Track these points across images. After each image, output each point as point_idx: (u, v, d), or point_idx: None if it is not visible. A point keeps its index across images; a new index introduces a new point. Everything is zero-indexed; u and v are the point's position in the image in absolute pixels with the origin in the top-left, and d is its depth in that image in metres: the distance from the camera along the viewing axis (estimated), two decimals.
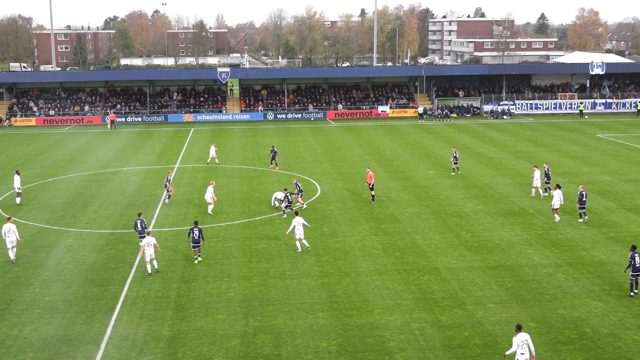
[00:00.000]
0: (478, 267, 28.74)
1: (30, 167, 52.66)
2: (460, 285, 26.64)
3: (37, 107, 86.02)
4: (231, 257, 30.13)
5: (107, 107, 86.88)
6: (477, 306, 24.69)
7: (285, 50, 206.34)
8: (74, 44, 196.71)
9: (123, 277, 27.66)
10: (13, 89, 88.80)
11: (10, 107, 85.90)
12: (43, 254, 30.79)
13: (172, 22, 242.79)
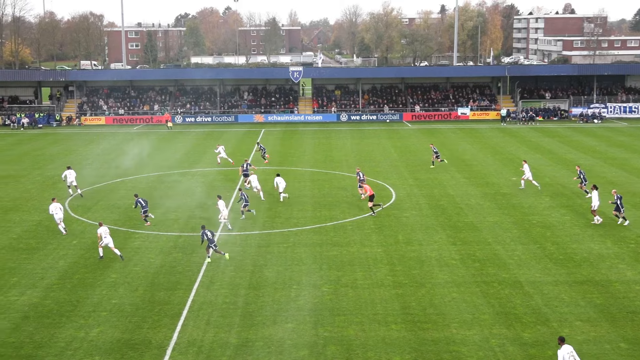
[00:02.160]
0: (564, 281, 27.98)
1: (99, 167, 54.38)
2: (545, 301, 25.99)
3: (107, 106, 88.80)
4: (301, 264, 30.31)
5: (177, 106, 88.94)
6: (562, 323, 24.04)
7: (360, 48, 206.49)
8: (145, 42, 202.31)
9: (190, 282, 28.21)
10: (83, 87, 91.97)
11: (81, 106, 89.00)
12: (110, 255, 31.70)
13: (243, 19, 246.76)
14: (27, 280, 28.61)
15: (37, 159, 59.09)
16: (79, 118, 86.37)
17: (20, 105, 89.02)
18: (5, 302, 26.21)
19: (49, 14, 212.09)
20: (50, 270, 29.82)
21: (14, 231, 36.10)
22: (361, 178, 42.89)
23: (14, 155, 61.64)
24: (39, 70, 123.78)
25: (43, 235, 35.17)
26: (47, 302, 26.24)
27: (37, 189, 46.48)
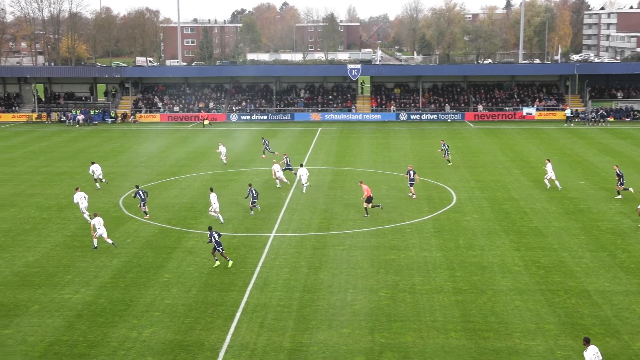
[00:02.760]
0: (636, 291, 27.26)
1: (153, 165, 55.35)
2: (615, 312, 25.36)
3: (162, 103, 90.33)
4: (357, 268, 30.28)
5: (232, 104, 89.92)
6: (634, 336, 23.41)
7: (421, 45, 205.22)
8: (200, 38, 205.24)
9: (244, 283, 28.47)
10: (139, 84, 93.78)
11: (136, 103, 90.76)
12: (164, 255, 32.25)
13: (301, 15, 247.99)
14: (81, 278, 29.31)
15: (91, 156, 60.41)
16: (133, 115, 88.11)
17: (75, 101, 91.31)
18: (60, 299, 26.91)
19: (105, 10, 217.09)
20: (104, 268, 30.49)
21: (68, 228, 37.04)
22: (411, 177, 43.21)
23: (69, 152, 63.24)
24: (95, 66, 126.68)
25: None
26: (101, 300, 26.84)
27: (91, 186, 47.53)
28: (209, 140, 70.19)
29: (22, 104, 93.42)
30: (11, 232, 36.45)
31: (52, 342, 23.34)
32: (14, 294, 27.51)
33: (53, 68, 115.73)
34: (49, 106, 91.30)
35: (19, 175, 50.73)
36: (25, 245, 33.98)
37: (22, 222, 38.50)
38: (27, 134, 77.36)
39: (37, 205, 42.35)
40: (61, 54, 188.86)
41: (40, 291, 27.80)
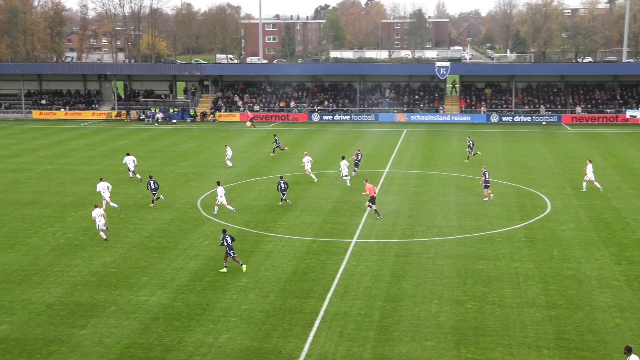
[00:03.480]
0: None
1: (233, 166, 56.19)
2: None
3: (242, 102, 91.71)
4: (443, 277, 29.99)
5: (314, 104, 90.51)
6: None
7: (514, 42, 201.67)
8: (282, 35, 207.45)
9: (324, 290, 28.59)
10: (219, 82, 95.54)
11: (215, 101, 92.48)
12: (242, 258, 32.69)
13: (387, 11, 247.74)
14: (157, 280, 30.04)
15: (170, 155, 61.95)
16: (213, 114, 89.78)
17: (155, 99, 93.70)
18: (136, 301, 27.64)
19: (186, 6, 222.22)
20: (180, 271, 31.16)
21: (145, 229, 38.03)
22: (486, 179, 43.15)
23: (148, 151, 64.94)
24: (175, 63, 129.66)
25: (175, 235, 36.82)
26: (177, 304, 27.43)
27: (169, 186, 48.68)
28: (291, 141, 70.80)
29: (102, 102, 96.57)
30: (89, 231, 37.67)
31: (128, 344, 24.00)
32: (91, 294, 28.42)
33: (133, 65, 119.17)
34: (128, 104, 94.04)
35: (98, 173, 52.34)
36: (103, 245, 35.06)
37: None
38: (106, 132, 79.88)
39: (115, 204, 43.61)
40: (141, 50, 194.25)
41: (117, 292, 28.63)
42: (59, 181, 50.92)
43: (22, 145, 68.37)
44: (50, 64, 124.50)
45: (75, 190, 47.58)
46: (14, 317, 26.10)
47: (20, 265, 32.00)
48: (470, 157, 57.33)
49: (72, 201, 44.59)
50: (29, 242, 35.71)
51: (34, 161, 59.25)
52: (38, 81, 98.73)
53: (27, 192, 47.50)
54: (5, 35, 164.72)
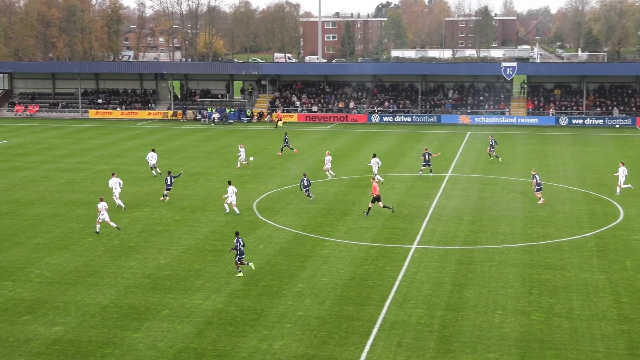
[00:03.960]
0: None
1: (290, 167, 56.49)
2: None
3: (300, 102, 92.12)
4: (507, 287, 29.58)
5: (374, 104, 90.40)
6: None
7: (586, 41, 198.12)
8: (342, 33, 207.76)
9: (382, 297, 28.49)
10: (276, 82, 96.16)
11: (272, 101, 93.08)
12: (297, 263, 32.82)
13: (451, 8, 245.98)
14: (212, 284, 30.34)
15: (226, 156, 62.56)
16: (270, 114, 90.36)
17: (211, 99, 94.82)
18: (190, 305, 27.97)
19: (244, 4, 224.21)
20: (235, 275, 31.40)
21: (200, 231, 38.47)
22: (538, 182, 43.43)
23: (204, 151, 65.73)
24: (232, 62, 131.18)
25: (230, 238, 37.07)
26: (231, 308, 27.65)
27: (225, 187, 49.04)
28: (349, 143, 70.83)
29: (158, 101, 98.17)
30: (144, 232, 38.29)
31: (182, 349, 24.29)
32: (145, 297, 28.86)
33: (190, 64, 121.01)
34: (184, 103, 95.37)
35: (156, 174, 53.17)
36: (157, 247, 35.59)
37: (155, 222, 40.37)
38: (162, 131, 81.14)
39: (170, 205, 44.26)
40: (198, 49, 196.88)
41: (170, 295, 29.01)
42: None
43: (78, 145, 69.89)
44: (107, 63, 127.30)
45: (129, 191, 48.39)
46: (68, 318, 26.67)
47: (75, 266, 32.70)
48: (493, 157, 58.39)
49: (126, 202, 45.33)
50: (83, 243, 36.47)
51: (89, 161, 60.52)
52: (95, 80, 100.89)
53: (83, 192, 48.52)
54: (63, 33, 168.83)
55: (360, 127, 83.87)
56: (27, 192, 48.09)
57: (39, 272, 31.98)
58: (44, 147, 66.53)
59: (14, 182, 51.47)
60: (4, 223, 40.11)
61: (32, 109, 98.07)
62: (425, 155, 52.06)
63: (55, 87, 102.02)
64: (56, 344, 24.50)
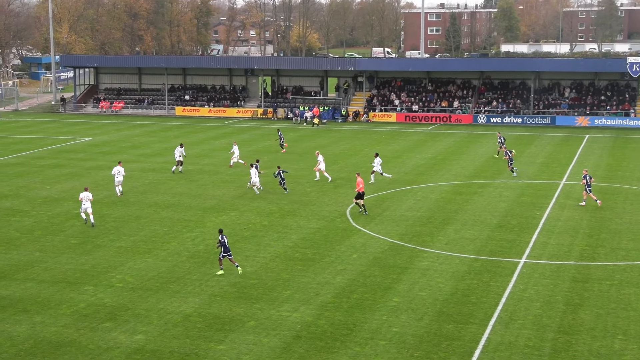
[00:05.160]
0: None
1: (384, 172, 56.32)
2: None
3: (399, 101, 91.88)
4: (629, 309, 28.73)
5: (481, 104, 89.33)
6: None
7: None
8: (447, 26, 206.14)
9: (486, 316, 28.11)
10: (374, 78, 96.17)
11: (370, 100, 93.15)
12: (393, 275, 32.72)
13: None
14: (301, 294, 30.57)
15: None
16: (366, 114, 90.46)
17: (304, 97, 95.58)
18: (277, 317, 28.25)
19: None
20: (326, 285, 31.57)
21: (290, 238, 38.84)
22: (588, 182, 44.17)
23: (295, 153, 66.32)
24: (327, 58, 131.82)
25: (321, 245, 37.37)
26: (321, 322, 27.78)
27: (316, 192, 49.49)
28: (452, 145, 70.24)
29: (248, 98, 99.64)
30: (230, 238, 38.75)
31: None
32: (230, 306, 29.31)
33: (282, 59, 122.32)
34: (275, 101, 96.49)
35: (241, 176, 54.03)
36: (244, 254, 36.10)
37: (242, 228, 40.98)
38: (251, 131, 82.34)
39: (257, 210, 44.86)
40: (291, 43, 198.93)
41: (257, 306, 29.38)
42: (201, 183, 52.94)
43: (164, 144, 71.63)
44: (195, 57, 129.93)
45: (216, 194, 49.30)
46: (149, 326, 27.35)
47: (158, 272, 33.51)
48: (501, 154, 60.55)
49: (213, 205, 46.24)
50: (167, 248, 37.34)
51: (175, 161, 61.79)
52: (182, 75, 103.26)
53: (168, 193, 49.71)
54: (150, 26, 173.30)
55: (464, 128, 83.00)
56: (110, 193, 49.58)
57: (120, 277, 32.93)
58: (129, 146, 68.44)
59: (97, 182, 53.16)
60: (87, 224, 41.48)
61: (117, 105, 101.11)
62: (509, 154, 54.86)
63: (142, 83, 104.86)
64: (137, 353, 25.15)
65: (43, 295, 30.61)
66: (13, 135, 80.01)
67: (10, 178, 54.80)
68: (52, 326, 27.33)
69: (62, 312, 28.77)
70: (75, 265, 34.59)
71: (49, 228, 41.27)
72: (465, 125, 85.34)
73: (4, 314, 28.60)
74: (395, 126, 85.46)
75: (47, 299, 30.17)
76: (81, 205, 41.34)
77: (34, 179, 53.96)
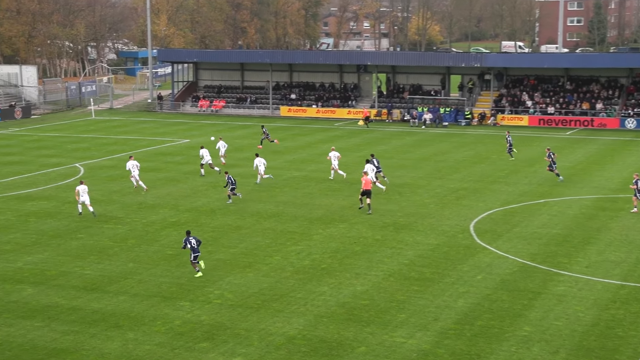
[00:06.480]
0: None
1: (516, 182, 55.49)
2: None
3: (532, 102, 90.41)
4: None
5: (629, 106, 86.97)
6: None
7: None
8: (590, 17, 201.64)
9: (635, 353, 27.29)
10: (503, 76, 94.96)
11: (498, 100, 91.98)
12: (524, 300, 32.14)
13: None
14: (417, 319, 30.37)
15: (438, 165, 62.52)
16: (494, 116, 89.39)
17: (422, 96, 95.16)
18: (391, 343, 28.12)
19: None
20: (446, 310, 31.27)
21: (405, 255, 38.67)
22: (638, 187, 45.53)
23: (412, 159, 66.10)
24: (449, 53, 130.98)
25: (440, 264, 37.07)
26: (440, 351, 27.54)
27: (435, 203, 49.16)
28: (594, 153, 68.70)
29: (360, 98, 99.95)
30: (339, 253, 39.06)
31: None
32: (338, 329, 29.37)
33: (398, 54, 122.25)
34: (390, 101, 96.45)
35: (351, 184, 54.01)
36: (354, 271, 36.15)
37: (352, 242, 41.05)
38: (363, 134, 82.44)
39: (370, 222, 44.85)
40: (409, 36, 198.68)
41: (368, 329, 29.34)
42: (307, 191, 53.34)
43: (266, 147, 72.52)
44: (302, 52, 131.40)
45: (324, 203, 49.57)
46: (249, 348, 27.67)
47: (260, 288, 33.90)
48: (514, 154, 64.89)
49: (320, 216, 46.50)
50: (269, 262, 37.75)
51: (279, 166, 62.54)
52: (288, 72, 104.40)
53: (271, 202, 50.27)
54: (254, 17, 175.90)
55: (609, 134, 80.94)
56: (209, 200, 50.53)
57: (219, 292, 33.48)
58: (229, 149, 69.57)
59: (195, 188, 54.27)
60: (183, 234, 42.31)
61: (217, 104, 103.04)
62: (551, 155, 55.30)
63: (244, 80, 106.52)
64: None
65: (136, 310, 31.41)
66: (107, 135, 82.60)
67: (104, 182, 56.51)
68: (145, 344, 28.01)
69: (156, 329, 29.46)
70: (171, 278, 35.38)
71: (144, 237, 42.37)
72: (610, 131, 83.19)
73: (95, 329, 29.48)
74: (527, 130, 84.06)
75: (140, 314, 30.95)
76: (79, 198, 46.13)
77: (129, 183, 55.49)
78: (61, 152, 71.68)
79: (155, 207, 48.91)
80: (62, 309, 31.76)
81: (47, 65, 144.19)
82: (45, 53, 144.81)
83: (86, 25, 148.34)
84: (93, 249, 40.06)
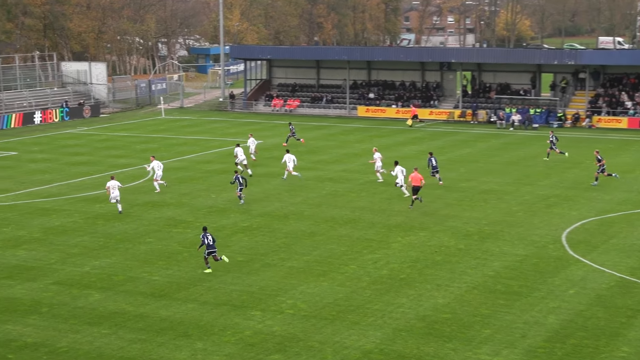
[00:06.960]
0: None
1: (613, 190, 54.45)
2: None
3: (632, 103, 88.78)
4: None
5: None
6: None
7: None
8: None
9: None
10: (600, 75, 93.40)
11: (594, 100, 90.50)
12: (622, 318, 31.56)
13: None
14: (503, 335, 30.03)
15: (527, 171, 61.75)
16: (589, 118, 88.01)
17: (511, 96, 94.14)
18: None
19: None
20: (535, 326, 30.87)
21: (491, 266, 38.28)
22: None
23: (499, 163, 65.46)
24: (540, 49, 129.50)
25: (529, 277, 36.61)
26: None
27: (524, 211, 48.59)
28: None
29: (443, 97, 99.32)
30: (419, 262, 38.85)
31: None
32: (417, 344, 29.21)
33: (484, 51, 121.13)
34: (476, 101, 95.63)
35: (431, 188, 53.74)
36: (435, 282, 35.92)
37: (433, 251, 40.80)
38: (446, 136, 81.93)
39: (452, 230, 44.55)
40: (497, 32, 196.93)
41: (449, 345, 29.12)
42: (385, 196, 53.19)
43: (343, 149, 72.60)
44: (382, 49, 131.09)
45: (403, 209, 49.36)
46: None
47: (334, 299, 33.90)
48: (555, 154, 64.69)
49: (399, 223, 46.34)
50: (345, 271, 37.73)
51: (356, 169, 62.56)
52: (366, 70, 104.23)
53: (347, 207, 50.26)
54: (332, 12, 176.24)
55: None
56: (283, 204, 50.75)
57: (292, 302, 33.59)
58: (304, 151, 69.78)
59: (268, 192, 54.56)
60: (255, 240, 42.67)
61: (291, 103, 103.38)
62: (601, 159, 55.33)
63: (320, 78, 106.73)
64: None
65: (206, 319, 31.69)
66: (177, 135, 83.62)
67: (173, 184, 57.10)
68: (214, 355, 28.25)
69: (226, 339, 29.68)
70: (242, 286, 35.61)
71: None
72: None
73: (163, 338, 29.84)
74: (627, 133, 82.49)
75: (209, 324, 31.22)
76: (110, 195, 48.42)
77: (199, 185, 56.05)
78: (130, 152, 72.78)
79: (226, 211, 49.31)
80: (129, 315, 32.23)
81: (117, 62, 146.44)
82: (114, 49, 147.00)
83: (157, 21, 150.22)
84: (161, 254, 40.56)
